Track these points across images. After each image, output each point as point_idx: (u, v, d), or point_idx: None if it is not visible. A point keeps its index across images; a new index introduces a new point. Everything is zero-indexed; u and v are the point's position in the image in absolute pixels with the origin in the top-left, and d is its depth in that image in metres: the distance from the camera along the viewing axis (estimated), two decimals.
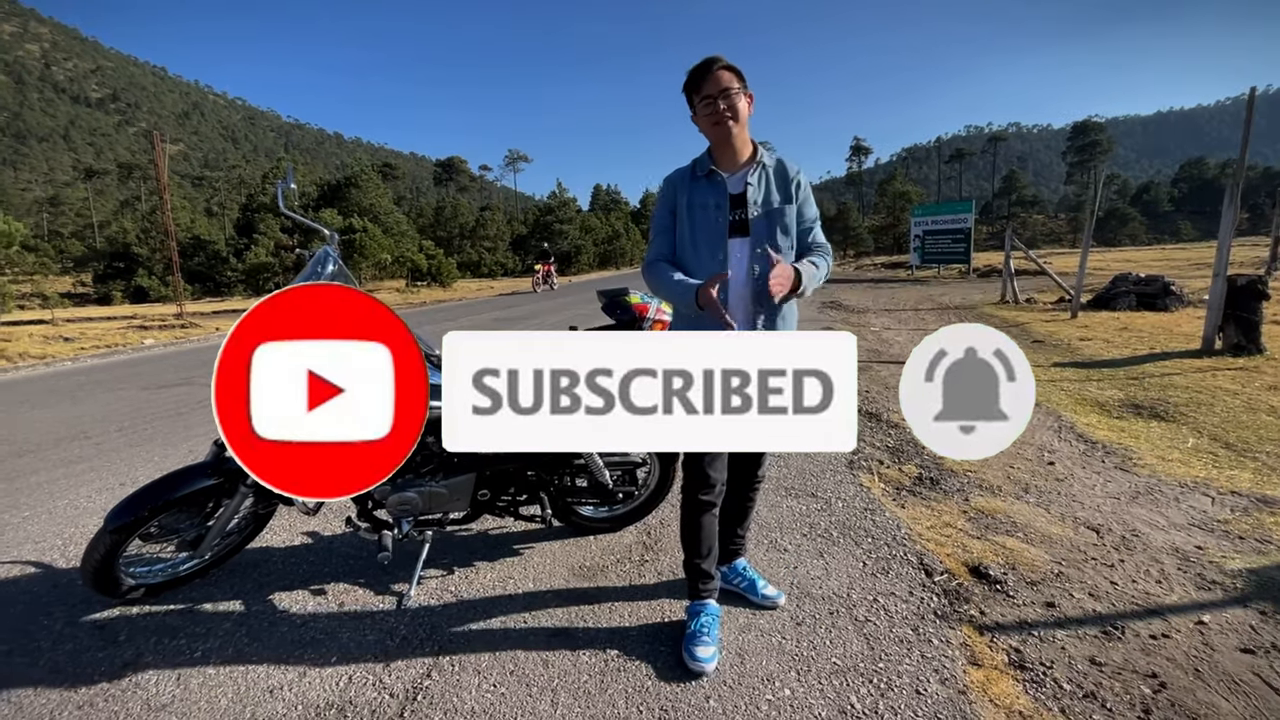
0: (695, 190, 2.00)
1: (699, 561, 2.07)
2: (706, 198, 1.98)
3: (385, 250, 28.16)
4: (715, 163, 2.00)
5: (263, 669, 2.00)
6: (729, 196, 1.97)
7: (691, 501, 2.05)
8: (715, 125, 1.92)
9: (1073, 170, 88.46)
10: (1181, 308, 9.81)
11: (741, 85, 1.92)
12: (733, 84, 1.90)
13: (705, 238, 1.98)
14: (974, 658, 1.94)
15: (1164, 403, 4.60)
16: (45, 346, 10.91)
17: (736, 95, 1.90)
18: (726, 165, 2.00)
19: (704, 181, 2.00)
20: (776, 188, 2.00)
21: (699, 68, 1.92)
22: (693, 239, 2.00)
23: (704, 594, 2.08)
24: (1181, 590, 2.27)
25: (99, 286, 34.83)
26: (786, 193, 2.00)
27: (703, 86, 1.91)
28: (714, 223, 1.97)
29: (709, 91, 1.90)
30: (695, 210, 1.99)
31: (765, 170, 2.00)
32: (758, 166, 1.99)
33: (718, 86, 1.89)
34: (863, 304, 13.51)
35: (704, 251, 1.98)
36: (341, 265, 2.26)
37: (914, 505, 3.08)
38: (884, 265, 32.96)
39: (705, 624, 2.03)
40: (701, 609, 2.07)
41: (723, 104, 1.89)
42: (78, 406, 6.19)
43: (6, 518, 3.29)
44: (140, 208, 45.05)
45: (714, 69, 1.89)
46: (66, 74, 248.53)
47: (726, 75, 1.90)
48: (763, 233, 1.97)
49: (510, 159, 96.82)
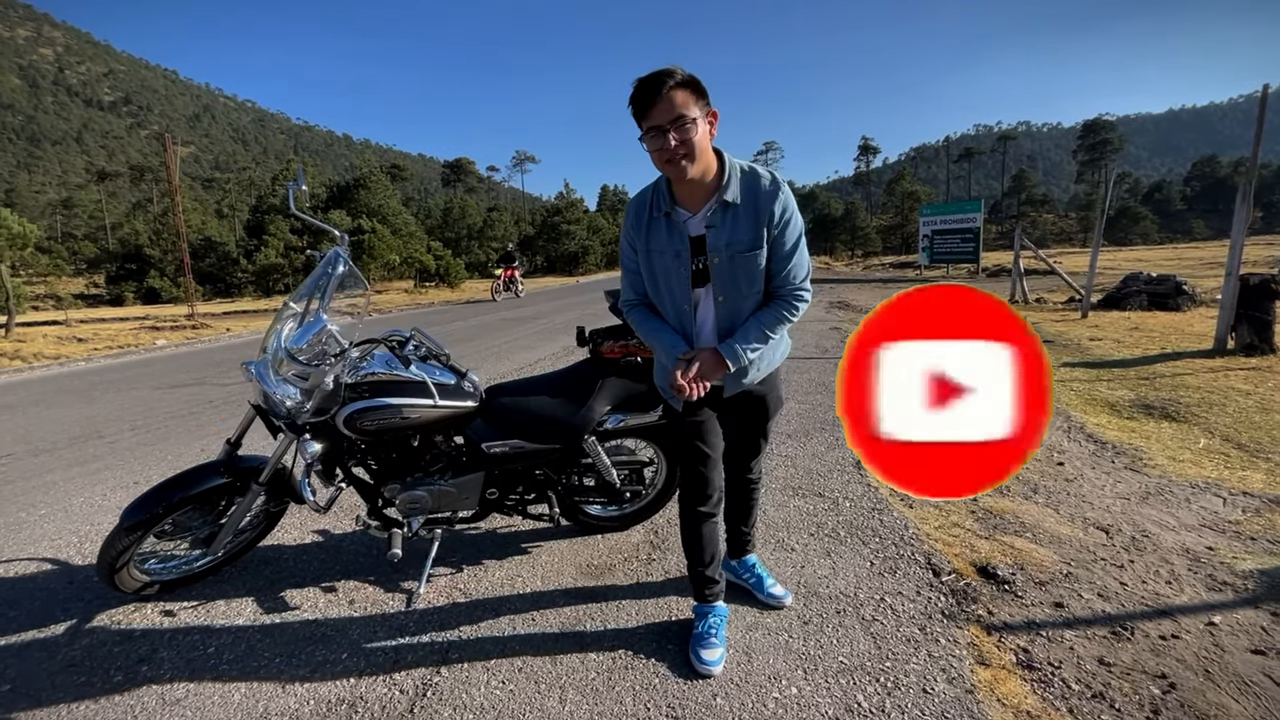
0: (654, 233, 1.79)
1: (703, 569, 2.05)
2: (664, 243, 1.77)
3: (393, 251, 28.26)
4: (675, 197, 1.75)
5: (274, 665, 2.03)
6: (689, 241, 1.73)
7: (690, 514, 2.01)
8: (666, 164, 1.62)
9: (1083, 169, 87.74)
10: (1194, 307, 9.73)
11: (701, 105, 1.59)
12: (688, 109, 1.55)
13: (667, 288, 1.82)
14: (981, 657, 1.94)
15: (1175, 403, 4.57)
16: (59, 347, 11.04)
17: (691, 126, 1.56)
18: (687, 200, 1.74)
19: (662, 222, 1.77)
20: (745, 225, 1.70)
21: (645, 85, 1.55)
22: (655, 288, 1.86)
23: (709, 598, 2.08)
24: (1192, 591, 2.26)
25: (111, 288, 35.16)
26: (755, 231, 1.70)
27: (650, 113, 1.56)
28: (674, 273, 1.78)
29: (657, 120, 1.56)
30: (654, 256, 1.80)
31: (732, 207, 1.70)
32: (718, 205, 1.70)
33: (668, 115, 1.55)
34: (870, 304, 13.43)
35: (668, 303, 1.85)
36: (351, 266, 2.29)
37: (922, 505, 3.07)
38: (892, 265, 32.83)
39: (712, 625, 2.02)
40: (709, 610, 2.06)
41: (675, 138, 1.56)
42: (92, 406, 6.26)
43: (23, 515, 3.34)
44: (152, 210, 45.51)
45: (664, 90, 1.53)
46: (80, 78, 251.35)
47: (680, 96, 1.54)
48: (724, 281, 1.75)
49: (518, 160, 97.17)
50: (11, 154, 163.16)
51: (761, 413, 2.06)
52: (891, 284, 20.17)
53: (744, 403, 2.01)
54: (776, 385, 2.07)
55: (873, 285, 19.67)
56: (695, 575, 2.08)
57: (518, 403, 2.47)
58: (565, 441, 2.47)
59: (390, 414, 2.25)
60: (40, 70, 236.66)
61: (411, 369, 2.32)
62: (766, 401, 2.04)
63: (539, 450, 2.47)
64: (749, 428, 2.09)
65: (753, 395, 2.00)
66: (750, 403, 2.02)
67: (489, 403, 2.47)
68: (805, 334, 8.84)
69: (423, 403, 2.28)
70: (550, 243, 52.56)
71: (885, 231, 62.78)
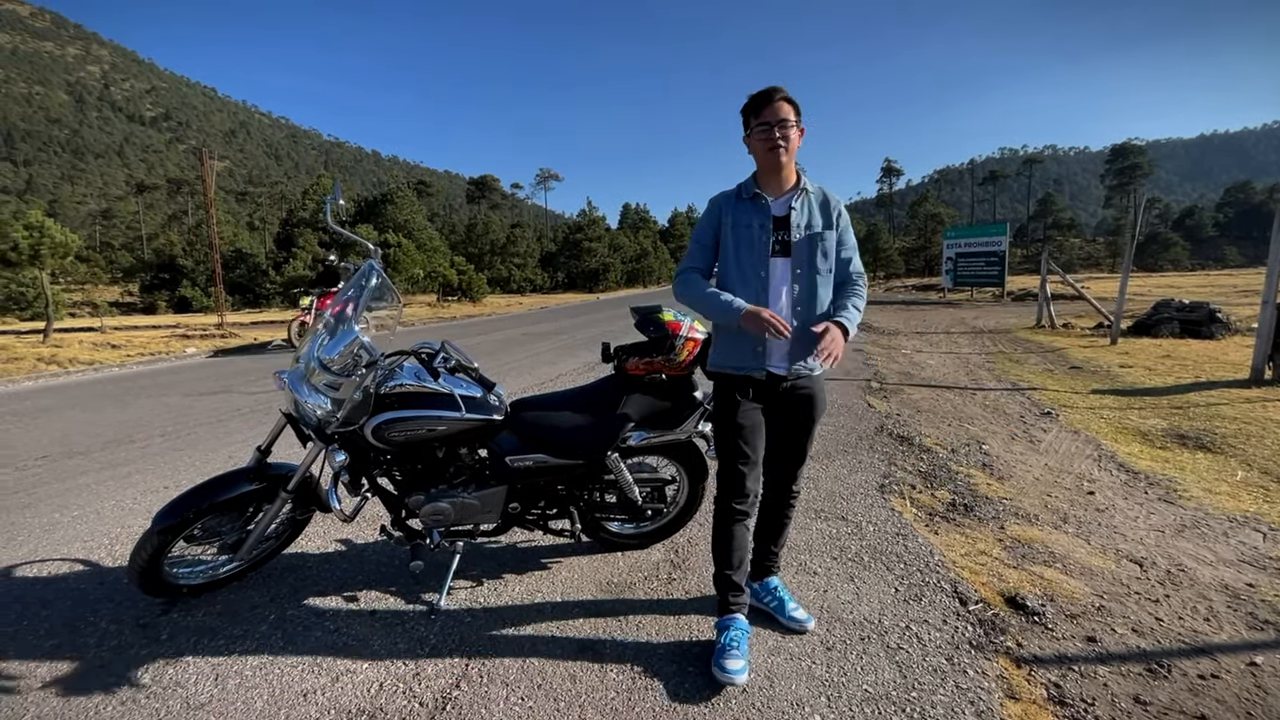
0: (740, 211, 2.08)
1: (729, 573, 2.09)
2: (751, 218, 2.05)
3: (418, 265, 28.72)
4: (760, 187, 2.07)
5: (297, 673, 2.04)
6: (772, 218, 2.04)
7: (725, 510, 2.10)
8: (769, 150, 1.99)
9: (1111, 194, 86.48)
10: (1228, 335, 9.49)
11: (797, 119, 2.00)
12: (790, 116, 1.98)
13: (748, 256, 2.04)
14: (1011, 691, 1.89)
15: (1210, 433, 4.44)
16: (94, 353, 11.35)
17: (791, 127, 1.98)
18: (771, 190, 2.06)
19: (749, 203, 2.07)
20: (819, 213, 2.07)
21: (761, 94, 2.00)
22: (736, 256, 2.07)
23: (733, 607, 2.09)
24: (1231, 629, 2.18)
25: (145, 296, 36.18)
26: (828, 219, 2.07)
27: (763, 113, 1.99)
28: (757, 242, 2.03)
29: (767, 118, 1.98)
30: (739, 229, 2.06)
31: (808, 196, 2.06)
32: (802, 192, 2.05)
33: (776, 116, 1.98)
34: (894, 326, 13.34)
35: (747, 269, 2.04)
36: (385, 279, 2.33)
37: (947, 531, 3.02)
38: (915, 287, 32.54)
39: (735, 638, 2.03)
40: (731, 623, 2.07)
41: (778, 132, 1.97)
42: (124, 411, 6.41)
43: (57, 517, 3.42)
44: (187, 221, 46.83)
45: (775, 99, 1.98)
46: (124, 94, 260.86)
47: (786, 107, 1.98)
48: (804, 255, 2.03)
49: (541, 177, 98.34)
50: (56, 166, 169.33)
51: (808, 412, 2.14)
52: (914, 305, 19.99)
53: (792, 401, 2.11)
54: (822, 388, 2.16)
55: (895, 307, 19.50)
56: (721, 580, 2.11)
57: (542, 417, 2.48)
58: (588, 457, 2.48)
59: (417, 425, 2.27)
60: (87, 86, 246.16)
61: (440, 381, 2.35)
62: (814, 401, 2.13)
63: (562, 465, 2.48)
64: (796, 429, 2.16)
65: (800, 393, 2.10)
66: (798, 401, 2.11)
67: (514, 416, 2.49)
68: None
69: (449, 415, 2.30)
70: (571, 259, 53.06)
71: (908, 253, 62.44)
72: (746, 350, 2.07)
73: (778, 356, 2.06)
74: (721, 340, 2.13)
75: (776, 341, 1.99)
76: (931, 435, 4.68)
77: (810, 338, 1.97)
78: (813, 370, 2.08)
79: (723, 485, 2.12)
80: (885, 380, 6.95)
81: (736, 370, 2.08)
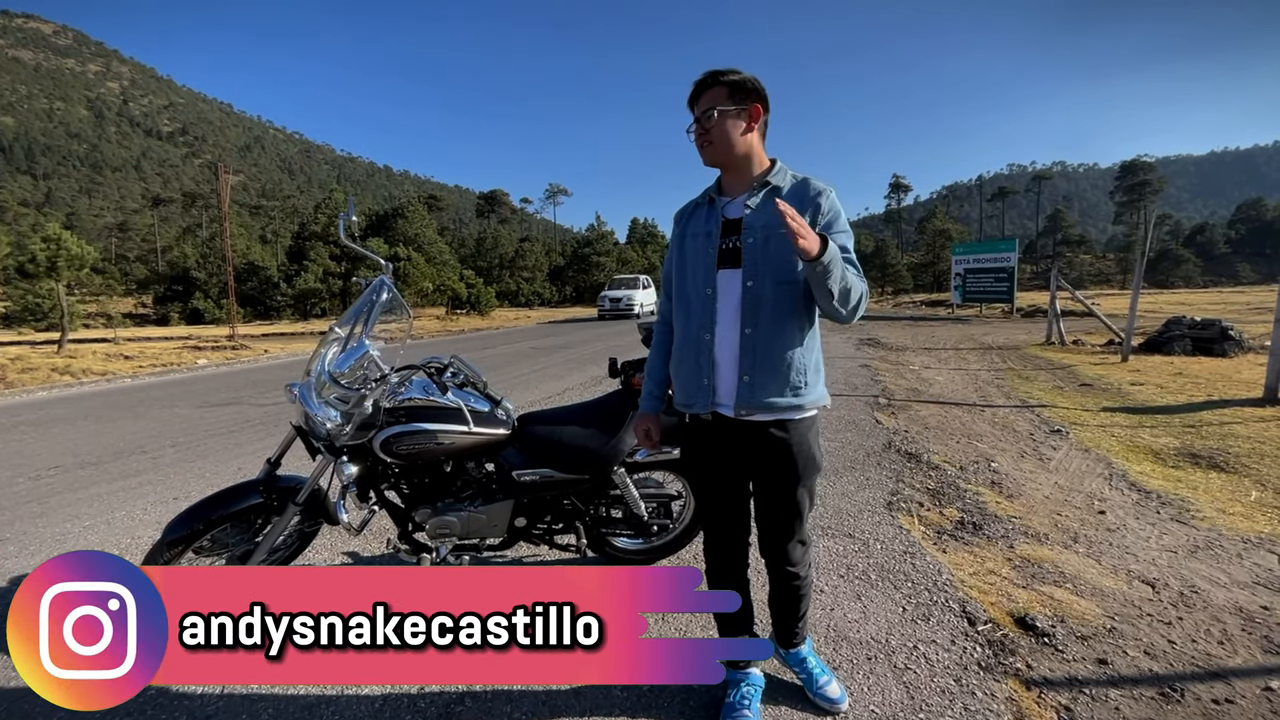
0: (695, 219, 1.80)
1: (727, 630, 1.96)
2: (700, 226, 1.77)
3: (427, 279, 29.00)
4: (721, 188, 1.79)
5: (302, 687, 2.04)
6: (722, 222, 1.71)
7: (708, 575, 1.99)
8: (699, 149, 1.71)
9: (1121, 210, 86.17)
10: (1241, 353, 9.39)
11: (736, 101, 1.64)
12: (716, 103, 1.64)
13: (694, 271, 1.75)
14: (1021, 713, 1.87)
15: (1224, 452, 4.39)
16: (107, 364, 11.49)
17: (718, 116, 1.64)
18: (732, 189, 1.75)
19: (704, 208, 1.79)
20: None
21: (696, 83, 1.71)
22: (680, 274, 1.80)
23: (743, 665, 1.92)
24: (1246, 653, 2.15)
25: (158, 308, 36.64)
26: (802, 214, 1.59)
27: (692, 105, 1.71)
28: (704, 253, 1.72)
29: (694, 112, 1.71)
30: (687, 241, 1.80)
31: (775, 191, 1.68)
32: (764, 188, 1.69)
33: (699, 108, 1.69)
34: (901, 341, 13.30)
35: (689, 288, 1.76)
36: (396, 294, 2.36)
37: (956, 550, 2.99)
38: (923, 303, 32.47)
39: (746, 695, 1.84)
40: (742, 678, 1.89)
41: (700, 126, 1.69)
42: (136, 422, 6.48)
43: (69, 526, 3.45)
44: (201, 234, 47.47)
45: (697, 88, 1.69)
46: (142, 109, 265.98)
47: (710, 94, 1.66)
48: (759, 262, 1.64)
49: (551, 192, 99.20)
50: (75, 180, 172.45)
51: (786, 467, 1.70)
52: (922, 321, 19.93)
53: (764, 452, 1.70)
54: (806, 438, 1.71)
55: (903, 323, 19.45)
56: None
57: (549, 432, 2.50)
58: (595, 472, 2.48)
59: (425, 439, 2.29)
60: (106, 102, 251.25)
61: (448, 395, 2.37)
62: (792, 452, 1.68)
63: (568, 480, 2.48)
64: (771, 488, 1.76)
65: (772, 436, 1.68)
66: (771, 452, 1.69)
67: (521, 430, 2.50)
68: (834, 370, 8.76)
69: (457, 429, 2.32)
70: (580, 273, 53.31)
71: (916, 269, 62.33)
72: (692, 380, 1.75)
73: (724, 391, 1.70)
74: (674, 365, 1.87)
75: (722, 372, 1.69)
76: (940, 452, 4.65)
77: (770, 366, 1.64)
78: (784, 414, 1.66)
79: (707, 569, 1.95)
80: (893, 396, 6.92)
81: (685, 407, 1.80)
